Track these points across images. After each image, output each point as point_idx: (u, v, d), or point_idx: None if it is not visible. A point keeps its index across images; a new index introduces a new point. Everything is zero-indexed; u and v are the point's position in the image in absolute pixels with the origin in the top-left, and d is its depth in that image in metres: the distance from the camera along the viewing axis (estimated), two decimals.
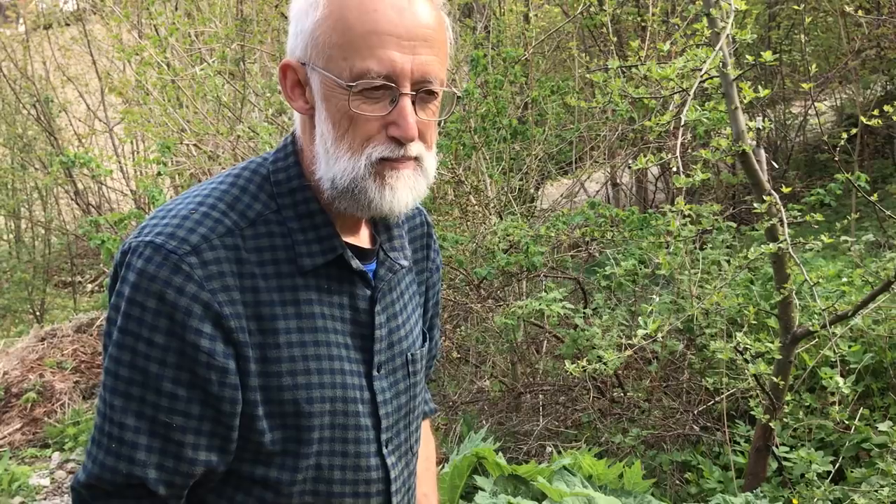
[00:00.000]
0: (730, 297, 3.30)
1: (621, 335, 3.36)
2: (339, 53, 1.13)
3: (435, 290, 1.51)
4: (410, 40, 1.13)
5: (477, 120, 4.40)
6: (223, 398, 1.15)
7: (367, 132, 1.15)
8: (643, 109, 4.58)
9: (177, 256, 1.12)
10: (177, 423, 1.13)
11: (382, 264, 1.30)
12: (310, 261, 1.20)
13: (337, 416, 1.23)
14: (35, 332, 7.06)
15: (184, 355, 1.12)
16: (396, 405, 1.32)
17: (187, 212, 1.18)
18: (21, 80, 8.97)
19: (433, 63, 1.15)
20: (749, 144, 2.82)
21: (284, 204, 1.22)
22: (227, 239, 1.16)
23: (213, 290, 1.13)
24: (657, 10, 5.27)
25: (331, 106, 1.16)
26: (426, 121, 1.18)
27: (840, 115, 8.48)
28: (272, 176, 1.23)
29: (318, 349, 1.21)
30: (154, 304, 1.12)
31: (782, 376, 3.08)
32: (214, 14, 6.00)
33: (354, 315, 1.25)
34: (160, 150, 4.26)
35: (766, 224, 2.81)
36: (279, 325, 1.18)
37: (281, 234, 1.20)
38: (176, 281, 1.12)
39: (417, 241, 1.44)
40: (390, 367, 1.31)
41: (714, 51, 2.59)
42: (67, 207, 9.61)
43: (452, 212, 4.58)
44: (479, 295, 4.21)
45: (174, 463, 1.14)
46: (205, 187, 1.24)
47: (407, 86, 1.14)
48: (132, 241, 1.17)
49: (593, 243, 4.48)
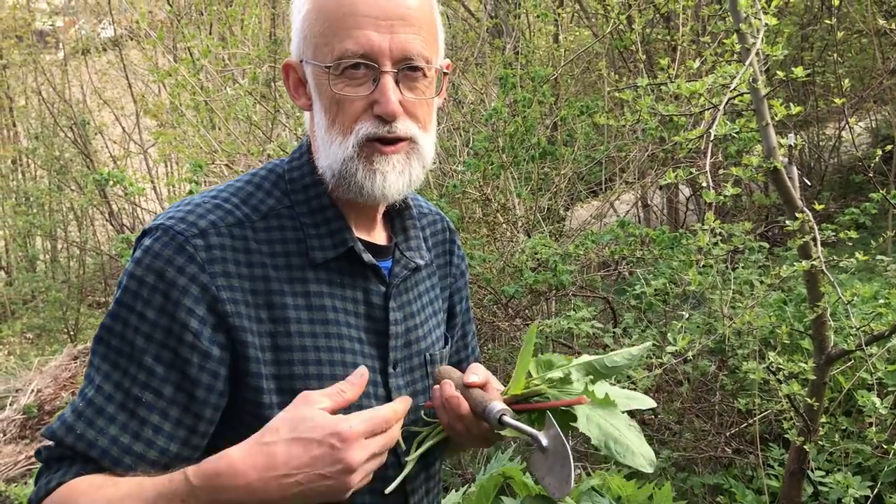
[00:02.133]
0: (762, 316, 3.25)
1: (651, 355, 3.32)
2: (322, 40, 1.18)
3: (461, 296, 1.51)
4: (388, 19, 1.16)
5: (505, 139, 4.40)
6: (199, 382, 1.15)
7: (353, 113, 1.18)
8: (673, 129, 4.55)
9: (183, 238, 1.15)
10: (146, 399, 1.14)
11: (398, 262, 1.31)
12: (321, 254, 1.22)
13: (350, 410, 1.21)
14: (68, 350, 7.15)
15: (170, 333, 1.14)
16: (413, 405, 1.30)
17: (201, 201, 1.22)
18: (59, 104, 9.18)
19: (414, 41, 1.17)
20: (780, 161, 2.78)
21: (298, 200, 1.25)
22: (235, 229, 1.19)
23: (214, 274, 1.15)
24: (687, 30, 5.25)
25: (321, 94, 1.20)
26: (414, 99, 1.19)
27: (875, 137, 8.35)
28: (287, 174, 1.27)
29: (329, 341, 1.22)
30: (152, 279, 1.14)
31: (817, 398, 3.01)
32: (247, 36, 6.09)
33: (368, 310, 1.26)
34: (192, 170, 4.31)
35: (799, 241, 2.76)
36: (290, 314, 1.19)
37: (293, 227, 1.23)
38: (178, 260, 1.14)
39: (440, 247, 1.45)
40: (407, 365, 1.31)
41: (744, 66, 2.57)
42: (102, 228, 9.77)
43: (480, 230, 4.57)
44: (506, 313, 4.18)
45: (130, 440, 1.14)
46: (224, 185, 1.28)
47: (387, 64, 1.16)
48: (148, 225, 1.21)
49: (623, 262, 4.43)
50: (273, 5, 7.77)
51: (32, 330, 8.89)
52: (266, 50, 5.84)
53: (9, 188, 10.06)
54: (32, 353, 7.99)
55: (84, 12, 10.26)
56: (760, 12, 2.61)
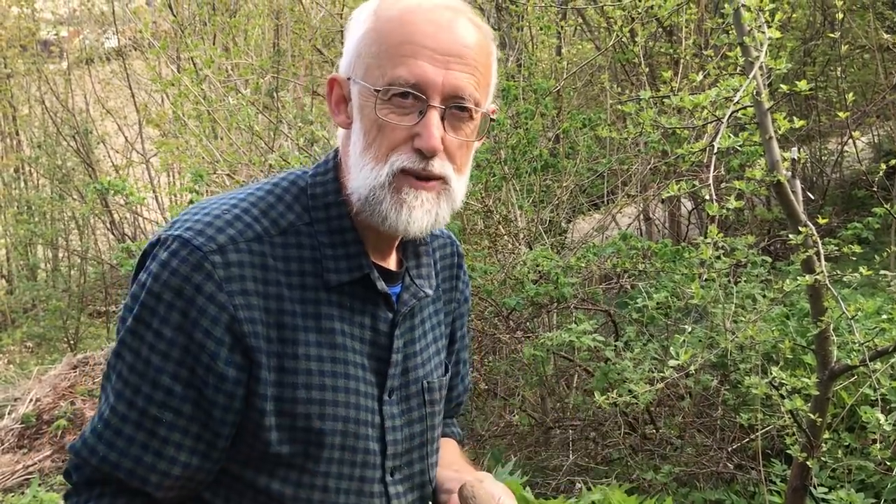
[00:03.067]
0: (765, 331, 3.22)
1: (653, 369, 3.30)
2: (375, 62, 1.15)
3: (462, 322, 1.49)
4: (445, 55, 1.13)
5: (507, 151, 4.39)
6: (216, 403, 1.14)
7: (393, 141, 1.15)
8: (675, 142, 4.54)
9: (201, 253, 1.13)
10: (167, 419, 1.13)
11: (407, 289, 1.28)
12: (336, 277, 1.20)
13: (348, 438, 1.20)
14: (68, 359, 7.12)
15: (188, 352, 1.12)
16: (408, 433, 1.28)
17: (220, 211, 1.18)
18: (62, 113, 9.20)
19: (467, 80, 1.15)
20: (784, 175, 2.77)
21: (318, 217, 1.21)
22: (254, 244, 1.16)
23: (231, 293, 1.13)
24: (690, 43, 5.26)
25: (364, 115, 1.17)
26: (456, 141, 1.16)
27: (878, 152, 8.35)
28: (309, 189, 1.23)
29: (335, 366, 1.19)
30: (170, 297, 1.12)
31: (820, 413, 2.98)
32: (250, 47, 6.10)
33: (374, 337, 1.24)
34: (193, 180, 4.31)
35: (802, 255, 2.75)
36: (299, 336, 1.17)
37: (310, 246, 1.20)
38: (196, 278, 1.12)
39: (447, 271, 1.42)
40: (403, 393, 1.28)
41: (747, 79, 2.56)
42: (104, 237, 9.77)
43: (481, 242, 4.56)
44: (507, 326, 4.16)
45: (153, 459, 1.13)
46: (242, 192, 1.24)
47: (437, 99, 1.14)
48: (162, 233, 1.18)
49: (625, 275, 4.42)
50: (276, 17, 7.79)
51: (32, 339, 8.87)
52: (269, 60, 5.86)
53: (11, 197, 10.07)
54: (32, 361, 7.97)
55: (88, 22, 10.29)
56: (764, 25, 2.61)
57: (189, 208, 1.22)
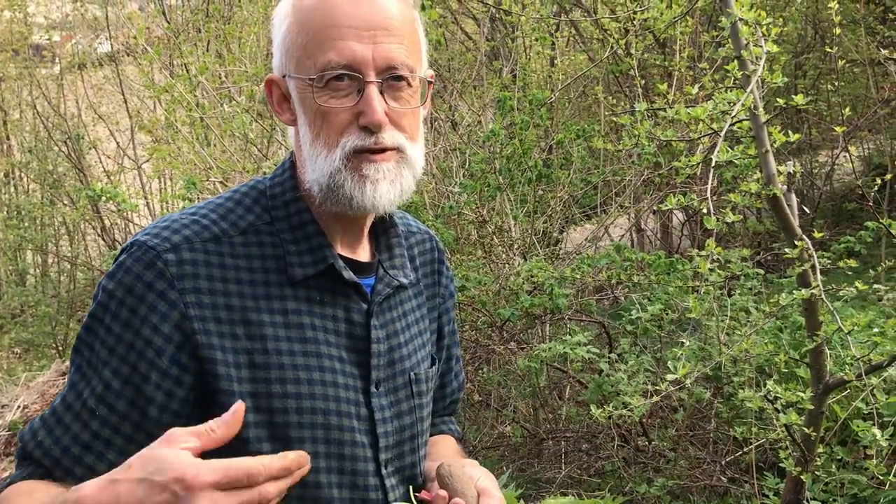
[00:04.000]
0: (759, 344, 3.22)
1: (647, 381, 3.29)
2: (304, 53, 1.17)
3: (449, 317, 1.48)
4: (370, 30, 1.15)
5: (502, 161, 4.39)
6: (153, 401, 1.14)
7: (338, 126, 1.16)
8: (669, 154, 4.55)
9: (154, 252, 1.15)
10: (101, 412, 1.14)
11: (381, 280, 1.28)
12: (301, 271, 1.20)
13: (331, 431, 1.20)
14: (56, 366, 7.07)
15: (132, 348, 1.14)
16: (398, 425, 1.28)
17: (179, 217, 1.21)
18: (54, 118, 9.15)
19: (398, 50, 1.16)
20: (780, 188, 2.78)
21: (278, 216, 1.23)
22: (210, 245, 1.18)
23: (183, 290, 1.14)
24: (684, 56, 5.28)
25: (305, 107, 1.18)
26: (400, 109, 1.18)
27: (868, 165, 8.41)
28: (269, 191, 1.26)
29: (307, 359, 1.19)
30: (121, 293, 1.14)
31: (814, 427, 2.99)
32: (244, 54, 6.09)
33: (350, 328, 1.24)
34: (186, 187, 4.29)
35: (798, 270, 2.75)
36: (267, 331, 1.17)
37: (272, 244, 1.21)
38: (147, 276, 1.14)
39: (428, 266, 1.42)
40: (391, 385, 1.28)
41: (745, 93, 2.56)
42: (94, 243, 9.71)
43: (476, 252, 4.55)
44: (501, 337, 4.15)
45: (80, 451, 1.14)
46: (205, 202, 1.27)
47: (371, 74, 1.15)
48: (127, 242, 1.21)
49: (619, 287, 4.42)
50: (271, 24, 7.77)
51: (20, 344, 8.80)
52: (264, 68, 5.84)
53: (1, 201, 10.01)
54: (20, 368, 7.91)
55: (81, 27, 10.26)
56: (761, 39, 2.62)
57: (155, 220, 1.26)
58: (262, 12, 6.09)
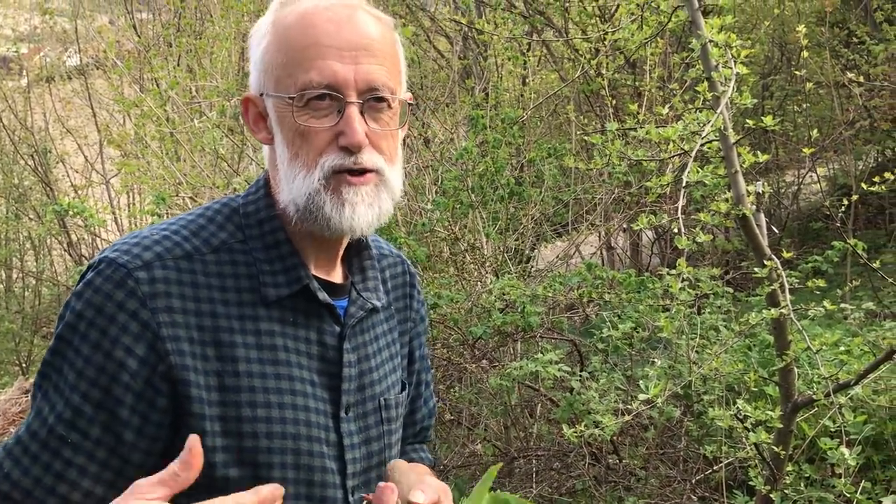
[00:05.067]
0: (728, 362, 3.25)
1: (618, 400, 3.30)
2: (284, 72, 1.14)
3: (420, 342, 1.46)
4: (351, 50, 1.13)
5: (474, 179, 4.40)
6: (129, 425, 1.10)
7: (318, 146, 1.14)
8: (639, 173, 4.59)
9: (125, 270, 1.10)
10: (72, 439, 1.09)
11: (354, 302, 1.26)
12: (274, 291, 1.17)
13: (301, 457, 1.16)
14: (19, 384, 6.92)
15: (103, 371, 1.09)
16: (366, 451, 1.25)
17: (149, 234, 1.17)
18: (20, 131, 9.02)
19: (379, 71, 1.15)
20: (749, 208, 2.81)
21: (252, 235, 1.20)
22: (182, 262, 1.14)
23: (156, 310, 1.10)
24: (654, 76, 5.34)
25: (284, 127, 1.16)
26: (380, 131, 1.16)
27: (833, 185, 8.55)
28: (242, 209, 1.22)
29: (279, 382, 1.16)
30: (91, 314, 1.10)
31: (783, 446, 3.01)
32: (216, 69, 6.05)
33: (322, 351, 1.21)
34: (155, 202, 4.24)
35: (767, 289, 2.78)
36: (238, 353, 1.14)
37: (245, 262, 1.18)
38: (118, 295, 1.09)
39: (400, 290, 1.40)
40: (360, 410, 1.25)
41: (715, 114, 2.60)
42: (60, 259, 9.56)
43: (448, 270, 4.55)
44: (473, 355, 4.14)
45: (53, 481, 1.09)
46: (175, 218, 1.23)
47: (352, 95, 1.13)
48: (94, 258, 1.16)
49: (590, 305, 4.43)
50: (243, 39, 7.75)
51: None
52: (235, 83, 5.81)
53: None
54: None
55: (50, 40, 10.15)
56: (731, 61, 2.65)
57: (123, 236, 1.21)
58: (234, 28, 6.07)
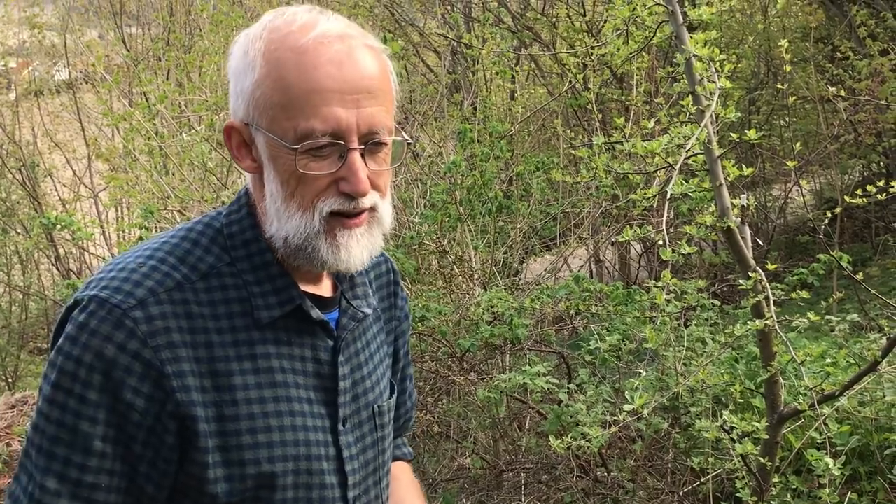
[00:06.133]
0: (715, 374, 3.26)
1: (606, 412, 3.30)
2: (282, 114, 1.11)
3: (405, 339, 1.47)
4: (353, 94, 1.10)
5: (463, 192, 4.42)
6: (143, 458, 1.10)
7: (316, 189, 1.12)
8: (626, 187, 4.62)
9: (121, 311, 1.08)
10: (103, 483, 1.08)
11: (345, 313, 1.25)
12: (267, 313, 1.16)
13: (301, 476, 1.17)
14: (5, 399, 6.87)
15: (114, 412, 1.07)
16: (363, 461, 1.26)
17: (135, 265, 1.14)
18: (8, 145, 8.99)
19: (379, 114, 1.13)
20: (734, 221, 2.83)
21: (239, 256, 1.18)
22: (175, 293, 1.12)
23: (157, 347, 1.08)
24: (641, 90, 5.38)
25: (278, 165, 1.13)
26: (378, 170, 1.16)
27: (819, 199, 8.62)
28: (225, 229, 1.19)
29: (278, 405, 1.15)
30: (90, 359, 1.07)
31: (769, 457, 3.02)
32: (205, 83, 6.06)
33: (317, 367, 1.21)
34: (143, 216, 4.23)
35: (752, 301, 2.80)
36: (236, 380, 1.13)
37: (235, 286, 1.16)
38: (118, 337, 1.07)
39: (384, 290, 1.41)
40: (356, 420, 1.25)
41: (699, 127, 2.62)
42: (48, 273, 9.51)
43: (436, 282, 4.56)
44: (461, 367, 4.14)
45: None
46: (155, 241, 1.20)
47: (354, 140, 1.11)
48: (78, 295, 1.12)
49: (578, 317, 4.45)
50: None
51: None
52: (224, 97, 5.82)
53: None
54: None
55: (38, 54, 10.14)
56: (715, 75, 2.68)
57: (104, 266, 1.18)
58: (223, 42, 6.08)
